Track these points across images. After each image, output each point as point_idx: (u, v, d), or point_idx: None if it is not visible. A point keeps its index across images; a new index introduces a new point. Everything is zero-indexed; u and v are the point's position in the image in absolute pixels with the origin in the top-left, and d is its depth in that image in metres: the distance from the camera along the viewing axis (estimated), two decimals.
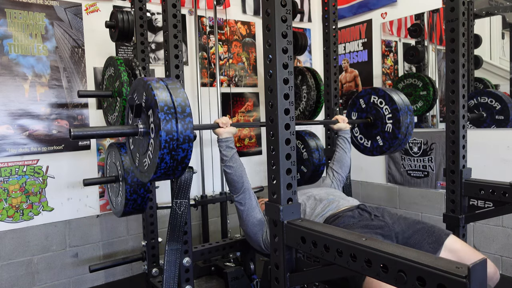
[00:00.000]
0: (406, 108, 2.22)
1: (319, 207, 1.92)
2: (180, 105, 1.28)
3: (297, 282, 1.26)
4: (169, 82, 1.34)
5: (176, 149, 1.26)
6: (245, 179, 1.89)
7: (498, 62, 2.71)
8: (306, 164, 2.72)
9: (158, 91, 1.27)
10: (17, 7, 2.49)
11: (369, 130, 2.37)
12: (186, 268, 1.92)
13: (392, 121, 2.23)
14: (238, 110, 3.48)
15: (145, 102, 1.33)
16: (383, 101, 2.26)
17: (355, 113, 2.43)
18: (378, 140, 2.32)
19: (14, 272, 2.54)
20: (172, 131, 1.24)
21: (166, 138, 1.23)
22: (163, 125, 1.23)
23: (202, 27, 3.25)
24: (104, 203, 2.86)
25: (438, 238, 1.68)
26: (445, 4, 1.89)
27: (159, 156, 1.24)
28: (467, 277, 0.78)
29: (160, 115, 1.23)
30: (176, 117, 1.26)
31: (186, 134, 1.27)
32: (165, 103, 1.26)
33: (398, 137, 2.21)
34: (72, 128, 1.25)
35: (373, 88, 2.37)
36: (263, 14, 1.25)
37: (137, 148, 1.43)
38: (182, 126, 1.26)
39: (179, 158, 1.29)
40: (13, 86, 2.50)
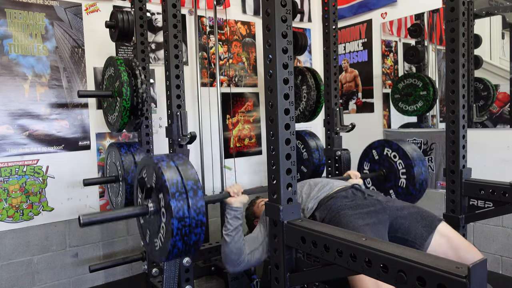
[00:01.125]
0: (420, 163, 2.17)
1: (314, 190, 1.91)
2: (192, 188, 1.24)
3: (297, 282, 1.26)
4: (179, 162, 1.30)
5: (188, 235, 1.23)
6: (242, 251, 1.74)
7: (498, 62, 2.71)
8: (306, 164, 2.72)
9: (169, 175, 1.23)
10: (17, 7, 2.49)
11: (382, 183, 2.32)
12: (186, 268, 1.92)
13: (406, 176, 2.19)
14: (238, 110, 3.48)
15: (155, 184, 1.29)
16: (396, 154, 2.22)
17: (368, 164, 2.39)
18: (392, 194, 2.28)
19: (14, 272, 2.54)
20: (185, 218, 1.21)
21: (178, 225, 1.20)
22: (175, 212, 1.19)
23: (202, 27, 3.25)
24: (104, 203, 2.86)
25: (431, 222, 1.69)
26: (445, 4, 1.88)
27: (171, 243, 1.21)
28: (467, 277, 0.78)
29: (171, 202, 1.19)
30: (188, 203, 1.22)
31: (199, 219, 1.24)
32: (176, 189, 1.22)
33: (412, 193, 2.17)
34: (81, 216, 1.20)
35: (386, 140, 2.32)
36: (263, 14, 1.25)
37: (148, 224, 1.39)
38: (194, 211, 1.23)
39: (191, 243, 1.25)
40: (13, 86, 2.50)
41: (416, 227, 1.68)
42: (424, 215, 1.73)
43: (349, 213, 1.67)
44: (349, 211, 1.68)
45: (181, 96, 2.02)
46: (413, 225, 1.69)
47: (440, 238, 1.66)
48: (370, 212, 1.69)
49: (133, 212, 1.34)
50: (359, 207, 1.71)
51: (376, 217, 1.68)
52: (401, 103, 3.18)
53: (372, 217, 1.67)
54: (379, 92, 3.46)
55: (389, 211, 1.73)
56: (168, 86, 2.01)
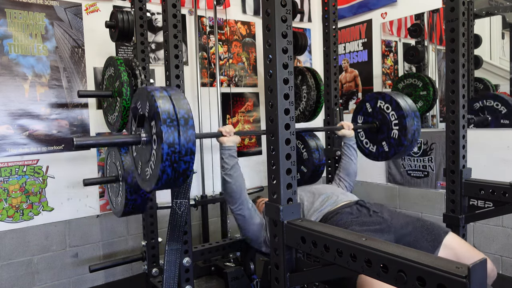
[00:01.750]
0: (413, 114, 2.19)
1: (317, 201, 1.91)
2: (183, 117, 1.28)
3: (297, 282, 1.26)
4: (172, 92, 1.34)
5: (178, 161, 1.26)
6: (243, 190, 1.85)
7: (498, 62, 2.71)
8: (306, 164, 2.72)
9: (161, 102, 1.27)
10: (17, 7, 2.49)
11: (374, 135, 2.35)
12: (186, 268, 1.92)
13: (398, 127, 2.21)
14: (238, 110, 3.48)
15: (148, 113, 1.33)
16: (389, 106, 2.24)
17: (361, 117, 2.41)
18: (384, 145, 2.30)
19: (14, 272, 2.54)
20: (174, 144, 1.24)
21: (168, 151, 1.23)
22: (165, 138, 1.23)
23: (202, 27, 3.25)
24: (104, 203, 2.86)
25: (437, 236, 1.69)
26: (445, 4, 1.88)
27: (161, 168, 1.25)
28: (467, 277, 0.78)
29: (162, 127, 1.23)
30: (178, 130, 1.25)
31: (188, 147, 1.27)
32: (168, 115, 1.25)
33: (404, 143, 2.19)
34: (75, 138, 1.25)
35: (379, 92, 2.34)
36: (263, 14, 1.25)
37: (140, 156, 1.44)
38: (185, 139, 1.26)
39: (180, 170, 1.29)
40: (13, 86, 2.50)
41: (421, 242, 1.68)
42: (430, 228, 1.72)
43: (356, 229, 1.67)
44: (357, 227, 1.68)
45: None
46: (418, 240, 1.69)
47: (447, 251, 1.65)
48: (377, 231, 1.69)
49: (127, 140, 1.39)
50: (365, 224, 1.71)
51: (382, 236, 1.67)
52: None
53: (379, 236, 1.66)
54: None
55: (394, 229, 1.73)
56: (168, 86, 2.01)
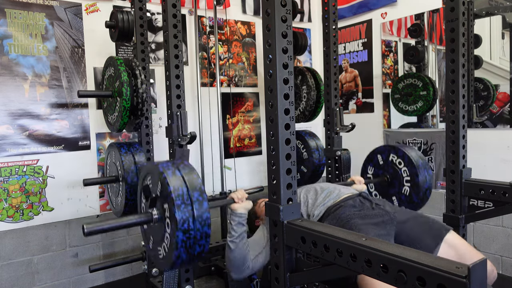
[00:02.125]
0: (425, 172, 2.15)
1: (320, 197, 1.91)
2: (198, 200, 1.22)
3: (297, 282, 1.26)
4: (185, 171, 1.27)
5: (192, 246, 1.21)
6: (246, 259, 1.73)
7: (498, 62, 2.71)
8: (306, 164, 2.72)
9: (175, 185, 1.21)
10: (17, 7, 2.49)
11: (385, 188, 2.30)
12: (186, 268, 1.92)
13: (410, 184, 2.17)
14: (238, 110, 3.48)
15: (160, 194, 1.27)
16: (402, 161, 2.20)
17: (372, 168, 2.37)
18: (394, 201, 2.26)
19: (14, 272, 2.54)
20: (190, 230, 1.19)
21: (183, 238, 1.18)
22: (180, 225, 1.17)
23: (202, 27, 3.25)
24: (104, 203, 2.86)
25: (439, 232, 1.69)
26: (445, 4, 1.88)
27: (175, 254, 1.20)
28: (467, 277, 0.78)
29: (177, 214, 1.17)
30: (193, 215, 1.19)
31: (204, 231, 1.22)
32: (182, 201, 1.19)
33: (414, 201, 2.15)
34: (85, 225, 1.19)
35: (392, 146, 2.31)
36: (263, 14, 1.25)
37: (151, 232, 1.38)
38: (200, 223, 1.20)
39: (195, 253, 1.24)
40: (13, 86, 2.50)
41: (423, 237, 1.67)
42: (432, 225, 1.72)
43: (359, 222, 1.66)
44: (359, 220, 1.67)
45: (181, 96, 2.02)
46: (420, 236, 1.68)
47: (448, 249, 1.65)
48: (379, 223, 1.68)
49: (138, 220, 1.32)
50: (368, 217, 1.70)
51: (384, 228, 1.67)
52: (401, 103, 3.18)
53: (381, 228, 1.66)
54: (379, 92, 3.46)
55: (396, 222, 1.73)
56: (168, 86, 2.02)
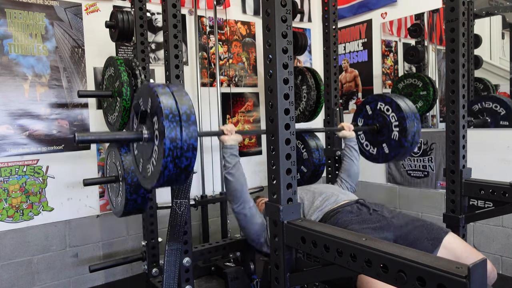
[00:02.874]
0: (413, 115, 2.19)
1: (317, 200, 1.92)
2: (185, 113, 1.27)
3: (297, 282, 1.26)
4: (174, 89, 1.33)
5: (180, 157, 1.25)
6: (245, 189, 1.87)
7: (498, 62, 2.71)
8: (306, 164, 2.72)
9: (164, 98, 1.26)
10: (17, 7, 2.49)
11: (375, 137, 2.34)
12: (186, 268, 1.92)
13: (398, 129, 2.21)
14: (238, 110, 3.48)
15: (150, 109, 1.32)
16: (390, 108, 2.24)
17: (361, 120, 2.40)
18: (384, 147, 2.30)
19: (14, 272, 2.54)
20: (177, 139, 1.23)
21: (170, 146, 1.22)
22: (168, 133, 1.22)
23: (202, 27, 3.25)
24: (104, 203, 2.86)
25: (437, 235, 1.69)
26: (445, 4, 1.88)
27: (163, 164, 1.24)
28: (467, 277, 0.78)
29: (165, 123, 1.22)
30: (180, 125, 1.25)
31: (190, 143, 1.26)
32: (170, 111, 1.25)
33: (404, 145, 2.18)
34: (76, 133, 1.24)
35: (380, 94, 2.35)
36: (263, 14, 1.25)
37: (141, 153, 1.43)
38: (187, 135, 1.25)
39: (182, 166, 1.28)
40: (13, 86, 2.50)
41: (421, 241, 1.67)
42: (430, 228, 1.72)
43: (356, 227, 1.67)
44: (356, 226, 1.68)
45: None
46: (418, 239, 1.68)
47: (446, 251, 1.65)
48: (376, 228, 1.68)
49: (129, 136, 1.39)
50: (365, 222, 1.71)
51: (382, 234, 1.67)
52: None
53: (379, 233, 1.66)
54: (379, 92, 3.46)
55: (394, 228, 1.73)
56: None
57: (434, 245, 1.66)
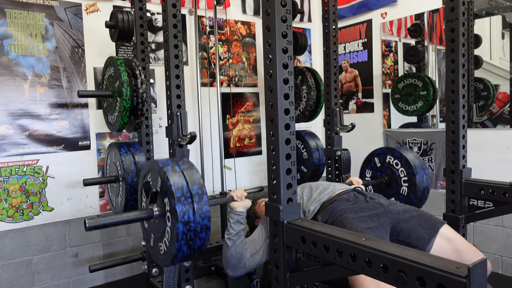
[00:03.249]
0: (422, 171, 2.18)
1: (315, 193, 1.91)
2: (197, 193, 1.24)
3: (297, 282, 1.26)
4: (184, 167, 1.30)
5: (193, 239, 1.23)
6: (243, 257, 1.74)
7: (498, 62, 2.71)
8: (306, 164, 2.72)
9: (175, 179, 1.23)
10: (17, 7, 2.49)
11: (383, 190, 2.32)
12: (186, 268, 1.92)
13: (407, 185, 2.19)
14: (238, 110, 3.48)
15: (160, 189, 1.29)
16: (399, 162, 2.23)
17: (369, 171, 2.40)
18: None
19: (14, 272, 2.54)
20: (190, 222, 1.21)
21: (183, 230, 1.20)
22: (181, 217, 1.19)
23: (202, 27, 3.25)
24: (104, 203, 2.86)
25: (434, 225, 1.69)
26: (445, 4, 1.88)
27: (176, 247, 1.22)
28: (467, 277, 0.78)
29: (177, 207, 1.19)
30: (193, 208, 1.22)
31: (204, 224, 1.24)
32: (182, 194, 1.22)
33: (413, 201, 2.17)
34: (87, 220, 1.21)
35: (389, 148, 2.33)
36: (263, 14, 1.25)
37: (152, 229, 1.40)
38: (200, 216, 1.22)
39: (196, 247, 1.26)
40: (13, 86, 2.50)
41: (418, 230, 1.68)
42: (427, 218, 1.73)
43: (351, 216, 1.67)
44: (352, 214, 1.68)
45: (181, 96, 2.02)
46: (415, 228, 1.69)
47: (443, 241, 1.66)
48: (372, 216, 1.68)
49: (139, 216, 1.34)
50: (361, 211, 1.71)
51: (378, 220, 1.67)
52: (401, 103, 3.18)
53: (374, 220, 1.67)
54: (379, 92, 3.46)
55: (390, 215, 1.73)
56: (168, 86, 2.02)
57: (430, 235, 1.66)
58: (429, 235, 1.66)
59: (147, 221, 1.42)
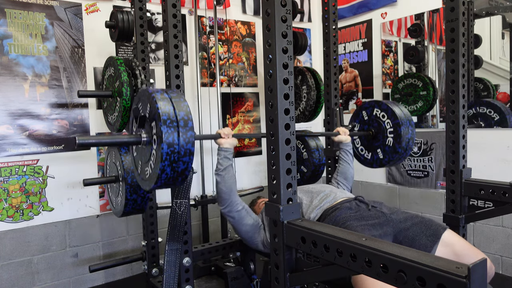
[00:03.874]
0: (407, 122, 2.23)
1: (316, 199, 1.92)
2: (183, 118, 1.31)
3: (297, 282, 1.26)
4: (173, 95, 1.37)
5: (177, 162, 1.30)
6: (233, 192, 1.90)
7: (498, 62, 2.71)
8: (306, 164, 2.72)
9: (162, 104, 1.30)
10: (17, 7, 2.49)
11: (370, 142, 2.39)
12: (186, 268, 1.92)
13: (393, 135, 2.25)
14: (238, 110, 3.48)
15: (149, 114, 1.35)
16: (385, 114, 2.28)
17: (358, 124, 2.45)
18: (379, 153, 2.34)
19: (14, 272, 2.54)
20: (174, 144, 1.27)
21: (167, 150, 1.26)
22: (165, 138, 1.26)
23: (202, 27, 3.25)
24: (104, 203, 2.86)
25: (436, 232, 1.69)
26: (445, 4, 1.89)
27: (160, 168, 1.28)
28: (467, 277, 0.78)
29: (162, 128, 1.26)
30: (178, 131, 1.28)
31: (187, 148, 1.30)
32: (168, 117, 1.28)
33: (398, 151, 2.23)
34: (77, 136, 1.27)
35: (376, 101, 2.38)
36: (263, 14, 1.25)
37: (140, 156, 1.46)
38: (184, 140, 1.29)
39: (179, 170, 1.32)
40: (13, 86, 2.50)
41: (420, 237, 1.68)
42: (428, 224, 1.73)
43: (354, 224, 1.67)
44: (355, 222, 1.68)
45: None
46: (417, 236, 1.69)
47: (445, 247, 1.65)
48: (375, 225, 1.69)
49: (128, 140, 1.42)
50: (363, 219, 1.71)
51: (381, 229, 1.68)
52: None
53: (378, 229, 1.67)
54: (379, 92, 3.46)
55: (393, 224, 1.73)
56: (168, 86, 2.01)
57: (432, 242, 1.66)
58: (431, 242, 1.66)
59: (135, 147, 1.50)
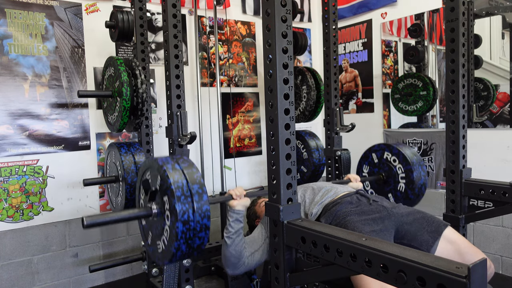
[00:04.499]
0: (419, 168, 2.17)
1: (317, 195, 1.91)
2: (197, 192, 1.24)
3: (297, 282, 1.26)
4: (184, 165, 1.29)
5: (192, 238, 1.23)
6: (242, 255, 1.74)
7: (498, 62, 2.71)
8: (306, 164, 2.72)
9: (175, 178, 1.22)
10: (17, 7, 2.49)
11: (381, 186, 2.32)
12: (186, 268, 1.92)
13: (405, 181, 2.19)
14: (238, 110, 3.48)
15: (160, 187, 1.28)
16: (396, 159, 2.23)
17: (367, 167, 2.39)
18: (390, 197, 2.28)
19: (14, 272, 2.54)
20: (189, 221, 1.20)
21: (183, 229, 1.19)
22: (180, 216, 1.18)
23: (202, 27, 3.25)
24: (104, 203, 2.86)
25: (437, 228, 1.69)
26: (445, 4, 1.88)
27: (175, 246, 1.21)
28: (467, 277, 0.78)
29: (177, 205, 1.18)
30: (193, 206, 1.21)
31: (203, 223, 1.23)
32: (182, 192, 1.21)
33: (411, 197, 2.17)
34: (85, 217, 1.20)
35: (386, 144, 2.33)
36: (263, 14, 1.25)
37: (150, 227, 1.38)
38: (200, 215, 1.21)
39: (195, 246, 1.25)
40: (13, 86, 2.50)
41: (421, 233, 1.68)
42: (430, 220, 1.73)
43: (355, 219, 1.66)
44: (355, 217, 1.67)
45: (181, 96, 2.02)
46: (418, 231, 1.69)
47: (446, 244, 1.65)
48: (376, 219, 1.68)
49: (137, 214, 1.33)
50: (364, 213, 1.71)
51: (382, 223, 1.67)
52: (401, 103, 3.18)
53: (378, 223, 1.66)
54: (379, 92, 3.46)
55: (394, 218, 1.72)
56: (168, 86, 2.02)
57: (434, 238, 1.66)
58: (432, 238, 1.66)
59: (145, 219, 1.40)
